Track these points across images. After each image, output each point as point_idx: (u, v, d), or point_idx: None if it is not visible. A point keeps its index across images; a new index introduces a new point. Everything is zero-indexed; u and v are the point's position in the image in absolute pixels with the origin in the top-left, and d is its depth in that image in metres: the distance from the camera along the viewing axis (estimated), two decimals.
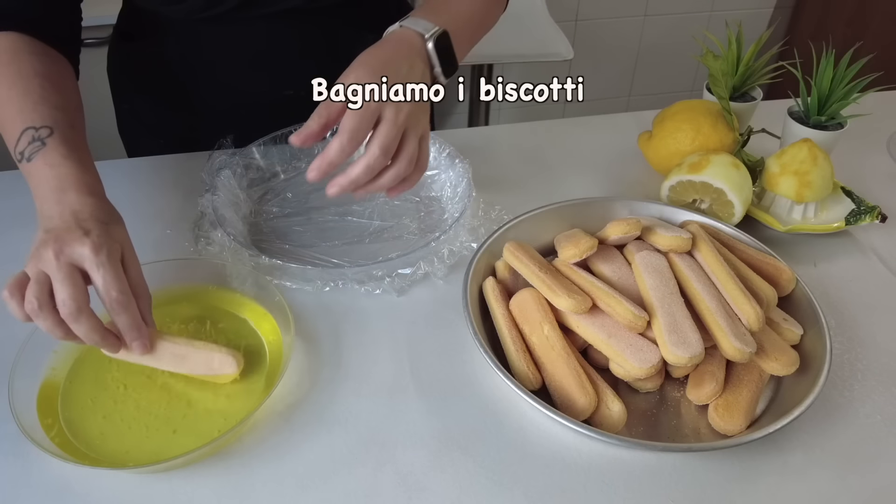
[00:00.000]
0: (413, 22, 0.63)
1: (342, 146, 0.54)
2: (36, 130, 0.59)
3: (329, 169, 0.55)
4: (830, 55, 0.77)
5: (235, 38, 0.80)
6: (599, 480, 0.53)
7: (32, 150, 0.58)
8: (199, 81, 0.85)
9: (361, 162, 0.56)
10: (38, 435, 0.52)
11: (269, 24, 0.79)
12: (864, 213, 0.75)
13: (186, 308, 0.65)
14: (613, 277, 0.63)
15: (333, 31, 0.83)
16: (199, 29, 0.80)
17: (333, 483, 0.52)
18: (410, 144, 0.58)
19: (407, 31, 0.62)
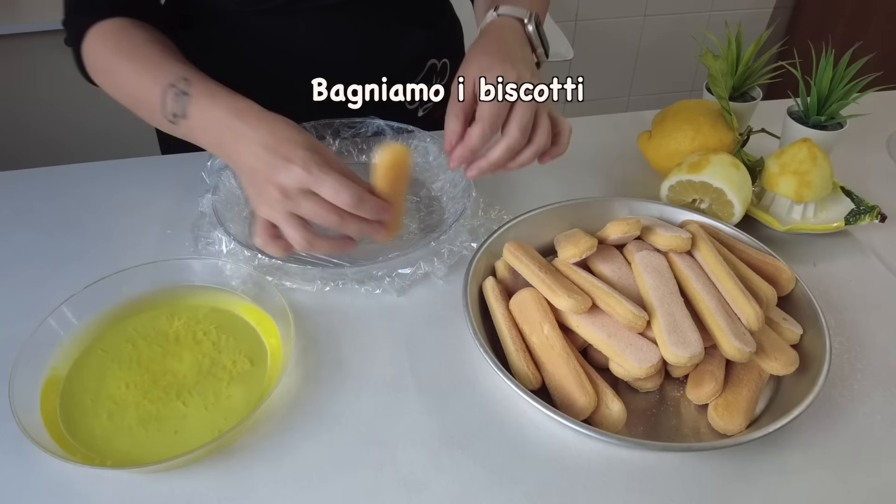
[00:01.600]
0: (509, 10, 0.66)
1: (484, 133, 0.56)
2: (174, 86, 0.61)
3: (471, 157, 0.57)
4: (830, 55, 0.77)
5: (287, 30, 0.81)
6: (599, 480, 0.53)
7: (182, 105, 0.60)
8: (246, 74, 0.85)
9: (502, 144, 0.58)
10: (39, 435, 0.52)
11: (322, 16, 0.80)
12: (863, 212, 0.75)
13: (186, 308, 0.65)
14: (613, 277, 0.63)
15: (383, 25, 0.84)
16: (251, 21, 0.81)
17: (333, 483, 0.52)
18: (544, 121, 0.59)
19: (506, 18, 0.66)
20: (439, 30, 0.89)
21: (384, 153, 0.56)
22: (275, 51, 0.83)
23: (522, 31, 0.66)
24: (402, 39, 0.85)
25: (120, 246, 0.73)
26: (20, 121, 1.62)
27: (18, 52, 1.51)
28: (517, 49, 0.62)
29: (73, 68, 0.74)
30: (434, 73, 0.92)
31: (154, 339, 0.62)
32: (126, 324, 0.64)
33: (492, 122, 0.56)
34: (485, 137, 0.57)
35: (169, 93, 0.61)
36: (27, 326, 0.59)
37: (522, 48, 0.64)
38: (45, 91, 1.57)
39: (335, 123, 0.84)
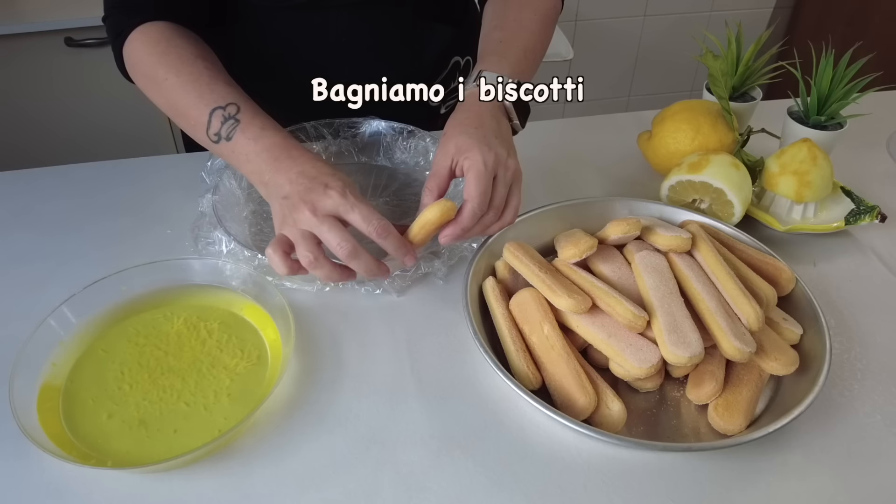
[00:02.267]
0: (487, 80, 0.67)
1: (474, 211, 0.59)
2: (223, 109, 0.63)
3: (463, 235, 0.60)
4: (830, 55, 0.77)
5: (315, 27, 0.82)
6: (599, 480, 0.53)
7: (229, 129, 0.63)
8: (273, 71, 0.85)
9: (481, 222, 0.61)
10: (38, 435, 0.52)
11: (349, 14, 0.81)
12: (863, 212, 0.75)
13: (186, 308, 0.65)
14: (613, 277, 0.63)
15: (408, 23, 0.85)
16: (279, 17, 0.81)
17: (333, 483, 0.52)
18: (515, 198, 0.63)
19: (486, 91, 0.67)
20: (463, 28, 0.90)
21: (434, 209, 0.59)
22: (302, 47, 0.83)
23: (500, 103, 0.67)
24: (427, 37, 0.86)
25: (120, 246, 0.73)
26: (20, 121, 1.62)
27: (18, 52, 1.51)
28: (492, 124, 0.64)
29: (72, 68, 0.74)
30: (458, 70, 0.92)
31: (154, 339, 0.62)
32: (126, 324, 0.64)
33: (481, 201, 0.59)
34: (475, 216, 0.59)
35: (217, 115, 0.63)
36: (27, 326, 0.59)
37: (498, 122, 0.65)
38: (44, 91, 1.57)
39: (335, 123, 0.84)
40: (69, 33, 1.48)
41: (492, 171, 0.60)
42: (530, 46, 0.72)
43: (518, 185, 0.63)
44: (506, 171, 0.61)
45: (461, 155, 0.60)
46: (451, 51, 0.90)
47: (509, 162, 0.61)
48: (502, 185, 0.61)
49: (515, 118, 0.68)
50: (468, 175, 0.60)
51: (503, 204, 0.62)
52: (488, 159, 0.59)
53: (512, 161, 0.62)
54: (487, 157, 0.59)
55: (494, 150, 0.60)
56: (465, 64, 0.93)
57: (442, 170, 0.62)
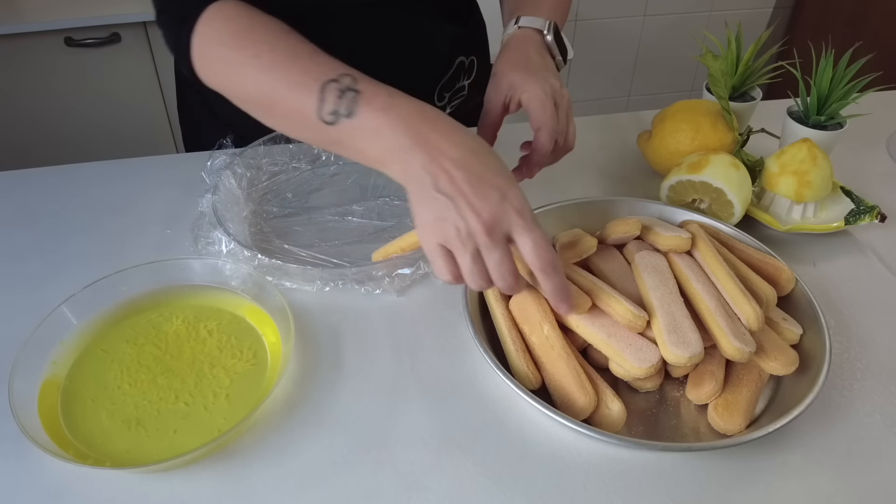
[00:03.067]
0: (528, 21, 0.70)
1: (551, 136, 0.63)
2: (337, 82, 0.53)
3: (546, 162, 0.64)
4: (830, 55, 0.77)
5: (322, 27, 0.81)
6: (599, 480, 0.53)
7: (349, 103, 0.52)
8: None
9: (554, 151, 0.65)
10: (38, 435, 0.52)
11: (356, 14, 0.81)
12: (863, 212, 0.75)
13: (186, 308, 0.65)
14: (613, 277, 0.63)
15: (417, 22, 0.85)
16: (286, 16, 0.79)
17: (333, 483, 0.52)
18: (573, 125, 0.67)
19: (526, 30, 0.70)
20: (468, 28, 0.91)
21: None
22: None
23: (542, 41, 0.70)
24: (433, 36, 0.87)
25: (119, 246, 0.73)
26: (20, 120, 1.62)
27: (18, 52, 1.51)
28: (539, 59, 0.67)
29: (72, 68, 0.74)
30: (462, 70, 0.93)
31: (154, 339, 0.62)
32: (126, 324, 0.64)
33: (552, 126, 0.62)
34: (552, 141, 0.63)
35: (330, 89, 0.53)
36: (27, 326, 0.59)
37: (543, 57, 0.68)
38: (44, 91, 1.57)
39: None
40: (69, 33, 1.48)
41: (550, 97, 0.62)
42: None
43: (572, 113, 0.66)
44: (562, 98, 0.64)
45: (516, 90, 0.63)
46: (457, 51, 0.91)
47: (563, 90, 0.64)
48: (563, 112, 0.64)
49: (558, 54, 0.71)
50: (531, 106, 0.62)
51: (566, 131, 0.65)
52: (546, 88, 0.62)
53: (565, 90, 0.65)
54: (545, 87, 0.62)
55: (549, 80, 0.63)
56: (470, 64, 0.93)
57: (496, 107, 0.64)
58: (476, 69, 0.94)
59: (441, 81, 0.90)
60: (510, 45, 0.69)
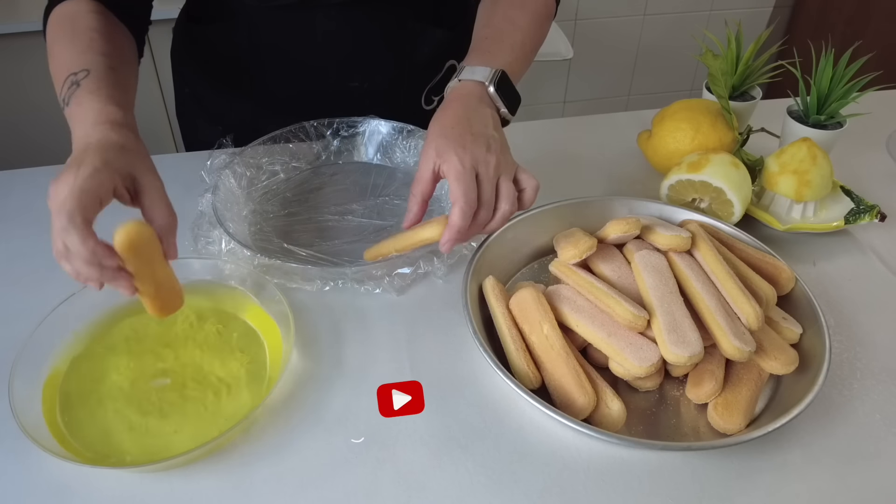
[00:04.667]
0: (470, 72, 0.66)
1: (464, 213, 0.58)
2: (75, 75, 0.60)
3: (460, 238, 0.59)
4: (830, 54, 0.77)
5: (305, 26, 0.81)
6: (599, 479, 0.53)
7: (69, 93, 0.59)
8: (264, 69, 0.85)
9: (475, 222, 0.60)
10: (39, 434, 0.52)
11: (339, 13, 0.80)
12: (863, 212, 0.75)
13: (186, 308, 0.65)
14: (613, 277, 0.63)
15: (402, 23, 0.84)
16: (270, 15, 0.81)
17: (333, 482, 0.52)
18: (505, 187, 0.61)
19: (466, 83, 0.66)
20: (459, 31, 0.90)
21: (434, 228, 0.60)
22: (289, 47, 0.83)
23: (484, 92, 0.66)
24: (420, 38, 0.86)
25: None
26: (20, 120, 1.62)
27: (18, 52, 1.51)
28: (473, 118, 0.63)
29: None
30: (452, 73, 0.92)
31: (154, 339, 0.62)
32: (125, 323, 0.64)
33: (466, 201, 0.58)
34: (465, 217, 0.59)
35: (68, 81, 0.60)
36: (27, 326, 0.59)
37: (481, 114, 0.64)
38: (44, 90, 1.57)
39: (335, 122, 0.84)
40: None
41: (471, 169, 0.59)
42: (518, 41, 0.71)
43: (507, 177, 0.61)
44: (487, 167, 0.60)
45: (440, 159, 0.60)
46: (446, 54, 0.90)
47: (489, 158, 0.60)
48: (486, 182, 0.60)
49: (503, 107, 0.67)
50: (449, 179, 0.59)
51: (493, 199, 0.61)
52: (465, 160, 0.59)
53: (493, 157, 0.60)
54: (464, 158, 0.59)
55: (470, 149, 0.60)
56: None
57: (425, 174, 0.61)
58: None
59: (429, 84, 0.90)
60: (447, 102, 0.66)
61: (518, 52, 0.71)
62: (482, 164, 0.60)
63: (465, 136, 0.61)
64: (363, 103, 0.85)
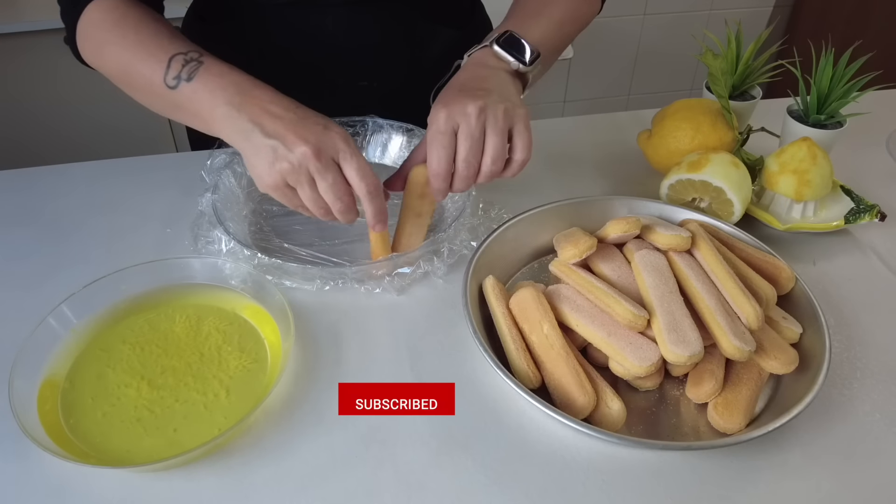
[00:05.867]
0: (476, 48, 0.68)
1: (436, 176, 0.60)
2: (184, 55, 0.60)
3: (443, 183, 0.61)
4: (830, 54, 0.77)
5: (313, 24, 0.81)
6: (599, 479, 0.53)
7: (190, 69, 0.59)
8: (271, 68, 0.85)
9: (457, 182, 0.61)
10: (38, 434, 0.52)
11: (347, 12, 0.81)
12: (863, 211, 0.75)
13: (186, 307, 0.65)
14: (613, 276, 0.63)
15: (410, 23, 0.85)
16: (278, 14, 0.81)
17: (333, 482, 0.52)
18: (492, 143, 0.60)
19: (474, 54, 0.68)
20: (468, 31, 0.90)
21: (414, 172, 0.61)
22: (298, 45, 0.83)
23: (490, 56, 0.66)
24: (428, 38, 0.86)
25: (119, 245, 0.73)
26: (20, 120, 1.62)
27: (18, 52, 1.51)
28: (471, 79, 0.63)
29: (72, 68, 0.74)
30: None
31: (153, 339, 0.62)
32: (125, 323, 0.64)
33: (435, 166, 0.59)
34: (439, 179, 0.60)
35: (177, 59, 0.60)
36: (27, 326, 0.59)
37: (479, 76, 0.64)
38: (44, 90, 1.57)
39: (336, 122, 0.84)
40: None
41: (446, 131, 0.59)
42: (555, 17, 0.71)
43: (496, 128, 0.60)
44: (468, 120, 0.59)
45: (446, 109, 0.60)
46: (455, 54, 0.90)
47: (469, 108, 0.58)
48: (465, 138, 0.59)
49: (511, 58, 0.65)
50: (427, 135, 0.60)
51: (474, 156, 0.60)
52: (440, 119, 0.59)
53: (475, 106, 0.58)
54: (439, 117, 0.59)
55: (451, 106, 0.59)
56: None
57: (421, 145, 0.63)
58: None
59: (437, 84, 0.90)
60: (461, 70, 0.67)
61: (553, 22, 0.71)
62: (462, 118, 0.59)
63: (452, 94, 0.60)
64: (371, 102, 0.85)
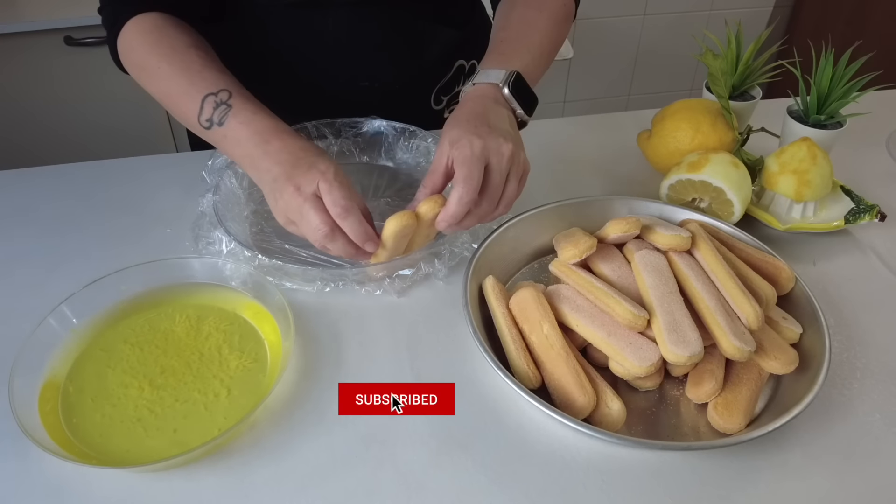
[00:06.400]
0: (484, 76, 0.67)
1: (461, 199, 0.58)
2: (215, 96, 0.64)
3: (455, 222, 0.59)
4: (830, 54, 0.77)
5: (315, 24, 0.81)
6: (599, 479, 0.53)
7: (221, 114, 0.64)
8: (273, 67, 0.86)
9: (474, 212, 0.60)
10: (38, 434, 0.52)
11: (349, 12, 0.81)
12: (863, 211, 0.75)
13: (186, 308, 0.65)
14: (613, 276, 0.63)
15: (410, 23, 0.85)
16: (280, 14, 0.81)
17: (333, 482, 0.52)
18: (511, 188, 0.61)
19: (480, 86, 0.67)
20: (469, 31, 0.90)
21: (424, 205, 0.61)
22: (300, 46, 0.83)
23: (499, 94, 0.66)
24: (429, 38, 0.86)
25: (120, 245, 0.73)
26: (20, 120, 1.62)
27: (17, 52, 1.51)
28: (489, 115, 0.63)
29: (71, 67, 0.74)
30: (462, 73, 0.92)
31: (153, 339, 0.62)
32: (126, 323, 0.64)
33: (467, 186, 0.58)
34: (462, 202, 0.58)
35: (209, 101, 0.64)
36: (27, 325, 0.59)
37: (496, 113, 0.63)
38: (44, 90, 1.57)
39: (336, 123, 0.84)
40: (69, 32, 1.48)
41: (480, 156, 0.58)
42: (535, 43, 0.72)
43: (517, 174, 0.61)
44: (500, 158, 0.59)
45: (452, 147, 0.59)
46: (455, 54, 0.90)
47: (504, 148, 0.59)
48: (497, 173, 0.59)
49: (518, 107, 0.67)
50: (455, 164, 0.59)
51: (500, 192, 0.60)
52: (475, 145, 0.58)
53: (508, 147, 0.59)
54: (475, 144, 0.58)
55: (484, 138, 0.59)
56: (471, 68, 0.93)
57: (438, 167, 0.61)
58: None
59: (438, 84, 0.90)
60: (463, 101, 0.66)
61: (535, 53, 0.71)
62: (494, 154, 0.59)
63: (482, 127, 0.60)
64: (372, 102, 0.85)
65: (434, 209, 0.60)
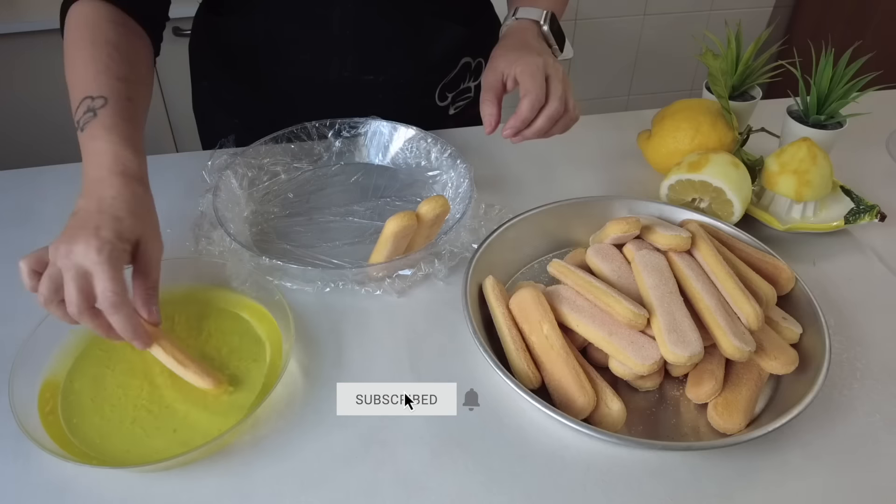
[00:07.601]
0: (525, 12, 0.76)
1: (532, 103, 0.66)
2: (92, 100, 0.61)
3: (523, 126, 0.67)
4: (830, 54, 0.77)
5: (321, 18, 0.81)
6: (599, 479, 0.53)
7: (85, 120, 0.61)
8: (280, 61, 0.85)
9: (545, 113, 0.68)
10: (38, 434, 0.52)
11: (355, 6, 0.81)
12: (863, 211, 0.75)
13: (187, 308, 0.65)
14: (613, 276, 0.63)
15: (417, 18, 0.85)
16: (287, 7, 0.81)
17: (333, 483, 0.52)
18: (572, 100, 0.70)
19: (523, 21, 0.75)
20: (476, 28, 0.90)
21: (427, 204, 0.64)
22: (307, 38, 0.83)
23: (538, 30, 0.75)
24: (436, 34, 0.86)
25: None
26: (20, 120, 1.62)
27: (18, 52, 1.51)
28: (535, 44, 0.72)
29: None
30: (468, 71, 0.92)
31: None
32: None
33: (538, 94, 0.66)
34: (533, 109, 0.66)
35: (84, 103, 0.61)
36: (27, 326, 0.59)
37: (540, 44, 0.73)
38: (44, 90, 1.57)
39: (336, 123, 0.84)
40: None
41: (543, 70, 0.67)
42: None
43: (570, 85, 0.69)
44: (556, 71, 0.68)
45: (510, 67, 0.67)
46: (462, 51, 0.90)
47: (557, 65, 0.68)
48: (556, 80, 0.67)
49: (555, 44, 0.75)
50: (523, 76, 0.66)
51: (564, 99, 0.67)
52: (539, 63, 0.67)
53: (560, 67, 0.68)
54: (538, 62, 0.67)
55: (543, 56, 0.68)
56: (476, 65, 0.93)
57: (495, 83, 0.68)
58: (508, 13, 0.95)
59: (443, 81, 0.90)
60: (507, 35, 0.74)
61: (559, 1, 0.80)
62: (552, 68, 0.68)
63: (532, 51, 0.69)
64: (377, 97, 0.86)
65: (434, 209, 0.60)
